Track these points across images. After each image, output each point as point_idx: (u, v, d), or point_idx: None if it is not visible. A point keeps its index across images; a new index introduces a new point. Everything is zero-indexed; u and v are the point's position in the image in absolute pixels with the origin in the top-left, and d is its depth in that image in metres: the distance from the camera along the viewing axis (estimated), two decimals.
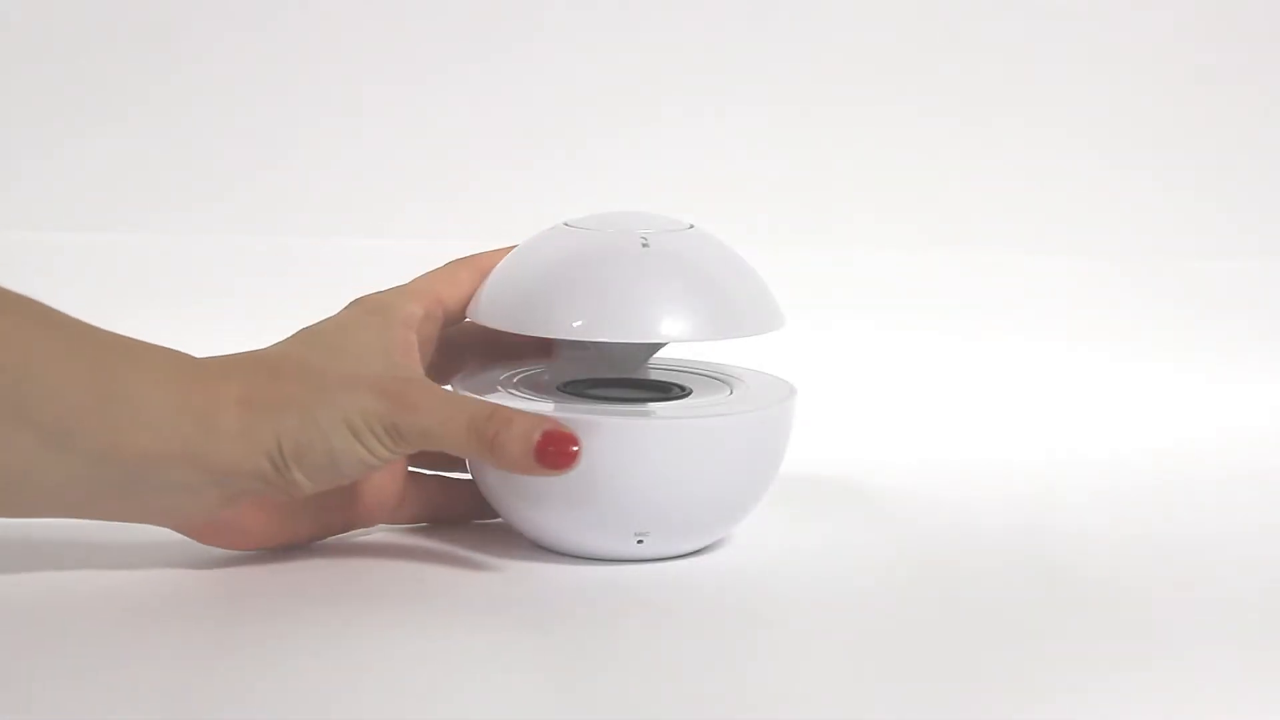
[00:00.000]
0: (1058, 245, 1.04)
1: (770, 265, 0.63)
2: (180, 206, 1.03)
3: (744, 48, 1.06)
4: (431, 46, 1.05)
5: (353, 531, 0.62)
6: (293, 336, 0.59)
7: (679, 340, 0.60)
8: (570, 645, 0.53)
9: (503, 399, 0.60)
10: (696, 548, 0.62)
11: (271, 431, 0.54)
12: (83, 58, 1.04)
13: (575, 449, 0.56)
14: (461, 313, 0.63)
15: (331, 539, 0.61)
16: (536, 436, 0.55)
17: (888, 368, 0.94)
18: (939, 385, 0.93)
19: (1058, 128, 1.06)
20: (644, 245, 0.60)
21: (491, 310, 0.61)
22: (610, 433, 0.58)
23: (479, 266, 0.63)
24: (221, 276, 1.00)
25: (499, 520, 0.63)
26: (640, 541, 0.59)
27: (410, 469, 0.63)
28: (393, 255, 0.74)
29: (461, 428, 0.55)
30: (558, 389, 0.63)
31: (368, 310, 0.60)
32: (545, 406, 0.60)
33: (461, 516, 0.64)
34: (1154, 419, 0.89)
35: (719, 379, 0.65)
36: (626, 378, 0.64)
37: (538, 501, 0.59)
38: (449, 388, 0.62)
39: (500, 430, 0.55)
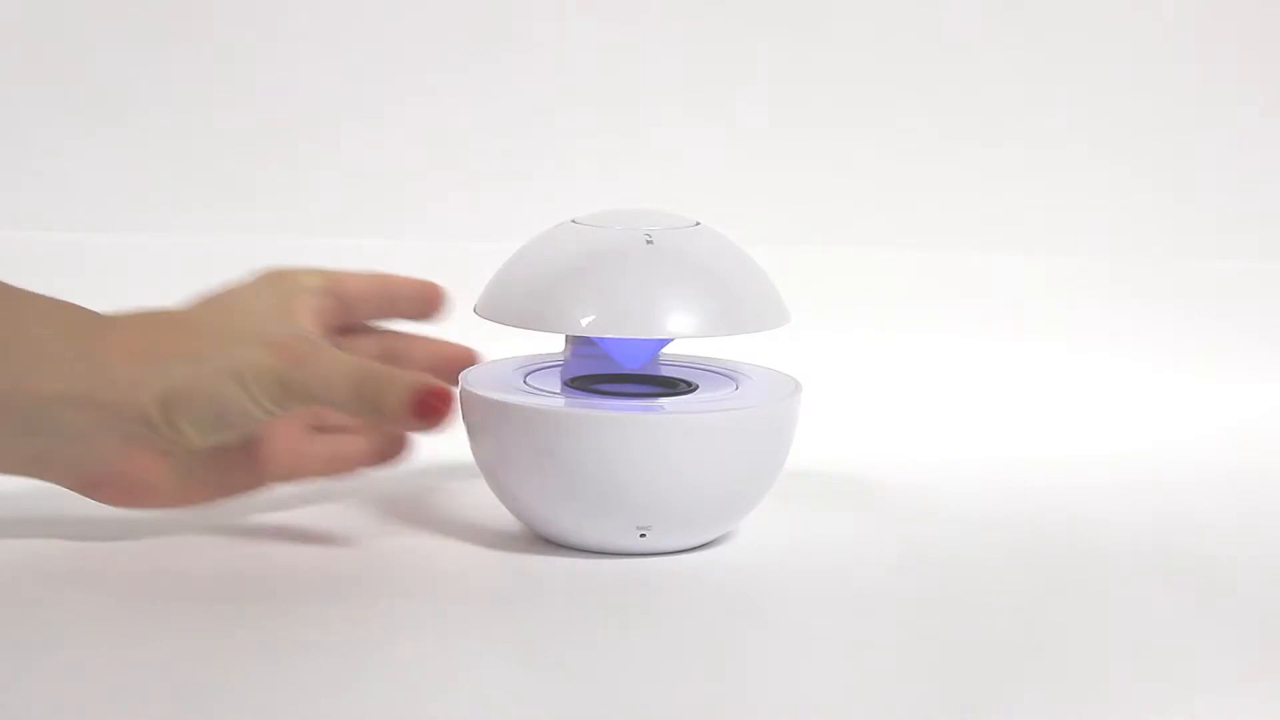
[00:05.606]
0: (1058, 245, 1.04)
1: (775, 264, 0.64)
2: (180, 206, 1.03)
3: (747, 48, 1.06)
4: (434, 46, 1.05)
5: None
6: (195, 299, 0.61)
7: (684, 336, 0.60)
8: (567, 639, 0.53)
9: (513, 395, 0.60)
10: (699, 543, 0.62)
11: (160, 379, 0.55)
12: (83, 58, 1.04)
13: (449, 405, 0.57)
14: (360, 304, 0.64)
15: (317, 526, 0.62)
16: (414, 393, 0.56)
17: (891, 366, 0.94)
18: (942, 383, 0.93)
19: (1058, 128, 1.06)
20: (648, 242, 0.60)
21: (498, 307, 0.61)
22: (617, 427, 0.58)
23: (385, 277, 0.65)
24: (222, 277, 1.00)
25: (498, 511, 0.63)
26: (643, 535, 0.59)
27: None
28: (395, 255, 0.74)
29: (346, 385, 0.56)
30: (566, 384, 0.63)
31: (269, 276, 0.62)
32: (555, 402, 0.60)
33: (363, 467, 0.63)
34: (1154, 418, 0.89)
35: (725, 375, 0.65)
36: (634, 374, 0.64)
37: (542, 492, 0.60)
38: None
39: (383, 388, 0.56)
